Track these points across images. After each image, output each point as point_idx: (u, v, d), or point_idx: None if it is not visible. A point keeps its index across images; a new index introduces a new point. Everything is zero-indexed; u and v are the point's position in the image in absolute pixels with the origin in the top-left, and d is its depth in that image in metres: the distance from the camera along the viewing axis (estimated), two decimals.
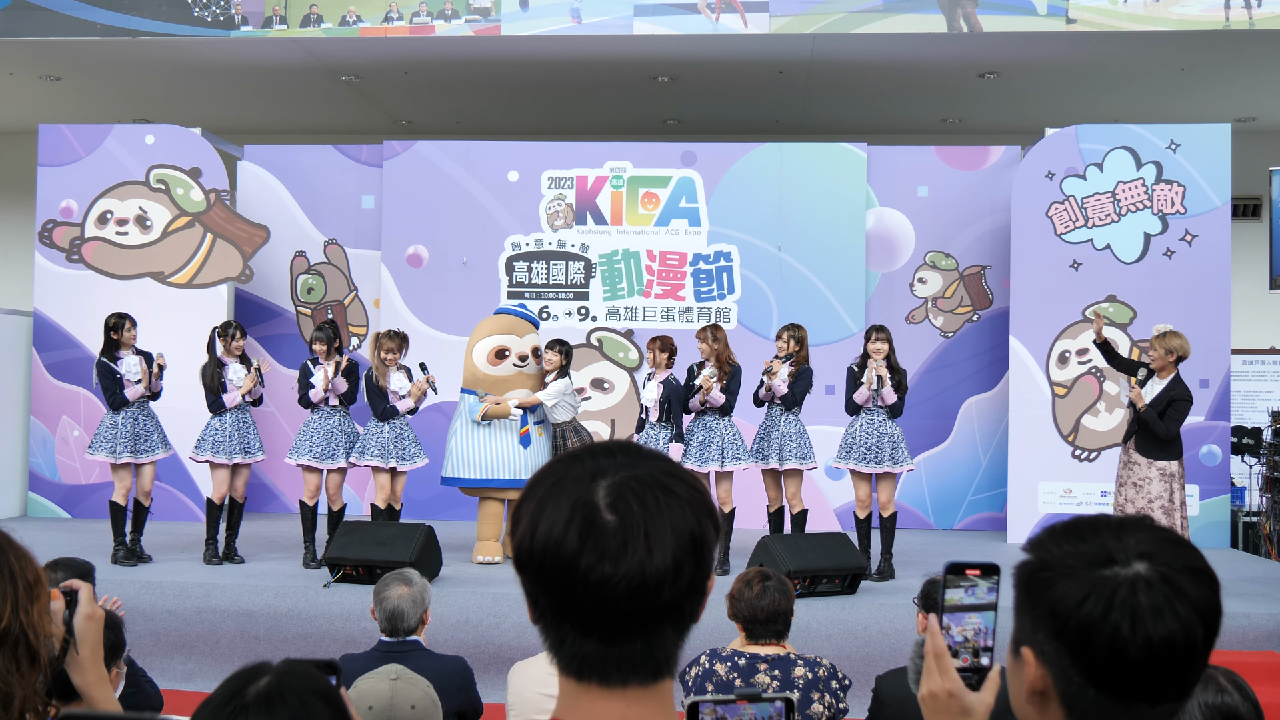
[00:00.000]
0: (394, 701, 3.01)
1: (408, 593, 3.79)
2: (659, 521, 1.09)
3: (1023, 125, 11.00)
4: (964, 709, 1.32)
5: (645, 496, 1.10)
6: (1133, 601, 1.15)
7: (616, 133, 11.68)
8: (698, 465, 7.33)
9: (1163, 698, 1.17)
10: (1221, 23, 8.89)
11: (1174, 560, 1.18)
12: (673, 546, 1.09)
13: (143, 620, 6.29)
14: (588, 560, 1.07)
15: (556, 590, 1.10)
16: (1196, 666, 1.17)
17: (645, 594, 1.08)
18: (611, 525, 1.08)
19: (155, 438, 7.56)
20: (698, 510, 1.13)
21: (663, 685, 1.14)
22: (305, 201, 10.34)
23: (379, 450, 7.45)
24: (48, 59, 10.34)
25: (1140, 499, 6.80)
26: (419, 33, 9.44)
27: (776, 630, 3.65)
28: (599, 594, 1.08)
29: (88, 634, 1.63)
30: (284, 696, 1.22)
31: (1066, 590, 1.19)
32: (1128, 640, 1.15)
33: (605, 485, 1.11)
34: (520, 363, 7.72)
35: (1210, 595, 1.18)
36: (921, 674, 1.35)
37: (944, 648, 1.32)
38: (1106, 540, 1.20)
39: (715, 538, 1.14)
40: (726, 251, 9.89)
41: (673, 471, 1.14)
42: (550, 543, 1.09)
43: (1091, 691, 1.17)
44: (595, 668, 1.12)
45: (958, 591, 1.32)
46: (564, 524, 1.09)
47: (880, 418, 7.23)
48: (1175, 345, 6.86)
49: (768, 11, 9.12)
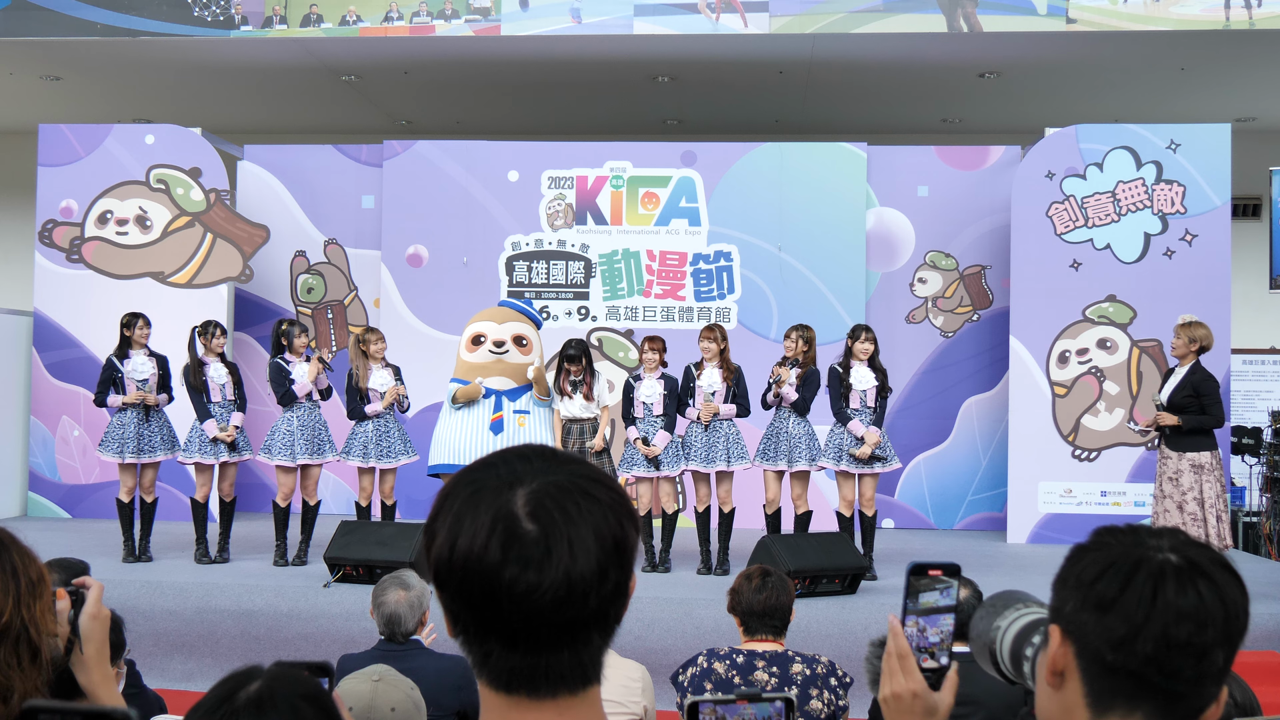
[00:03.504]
0: (373, 703, 2.99)
1: (405, 597, 3.78)
2: (580, 529, 1.07)
3: (1023, 125, 11.00)
4: (928, 709, 1.33)
5: (565, 503, 1.08)
6: (1158, 574, 1.18)
7: (616, 133, 11.69)
8: (698, 465, 7.34)
9: (1177, 676, 1.17)
10: (1221, 23, 8.90)
11: (1204, 555, 1.21)
12: (596, 552, 1.07)
13: (143, 620, 6.29)
14: (511, 571, 1.05)
15: (480, 604, 1.07)
16: (1214, 654, 1.17)
17: (572, 603, 1.06)
18: (533, 535, 1.06)
19: (159, 439, 7.57)
20: (619, 513, 1.11)
21: (590, 692, 1.12)
22: (305, 201, 10.35)
23: (361, 450, 7.46)
24: (48, 59, 10.34)
25: (1177, 493, 6.81)
26: (419, 33, 9.45)
27: (773, 625, 3.67)
28: (524, 606, 1.05)
29: (93, 633, 1.64)
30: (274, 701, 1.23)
31: (1096, 558, 1.22)
32: (1148, 605, 1.17)
33: (524, 494, 1.08)
34: (496, 349, 7.38)
35: (1235, 592, 1.20)
36: (881, 675, 1.35)
37: (907, 648, 1.33)
38: (1143, 535, 1.24)
39: (636, 539, 1.12)
40: (726, 251, 9.90)
41: (590, 475, 1.12)
42: (471, 556, 1.06)
43: (1109, 659, 1.18)
44: (523, 680, 1.09)
45: (923, 593, 1.33)
46: (485, 536, 1.06)
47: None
48: (1199, 335, 6.92)
49: (768, 11, 9.13)
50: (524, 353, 7.47)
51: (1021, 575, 7.47)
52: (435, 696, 3.39)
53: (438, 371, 7.86)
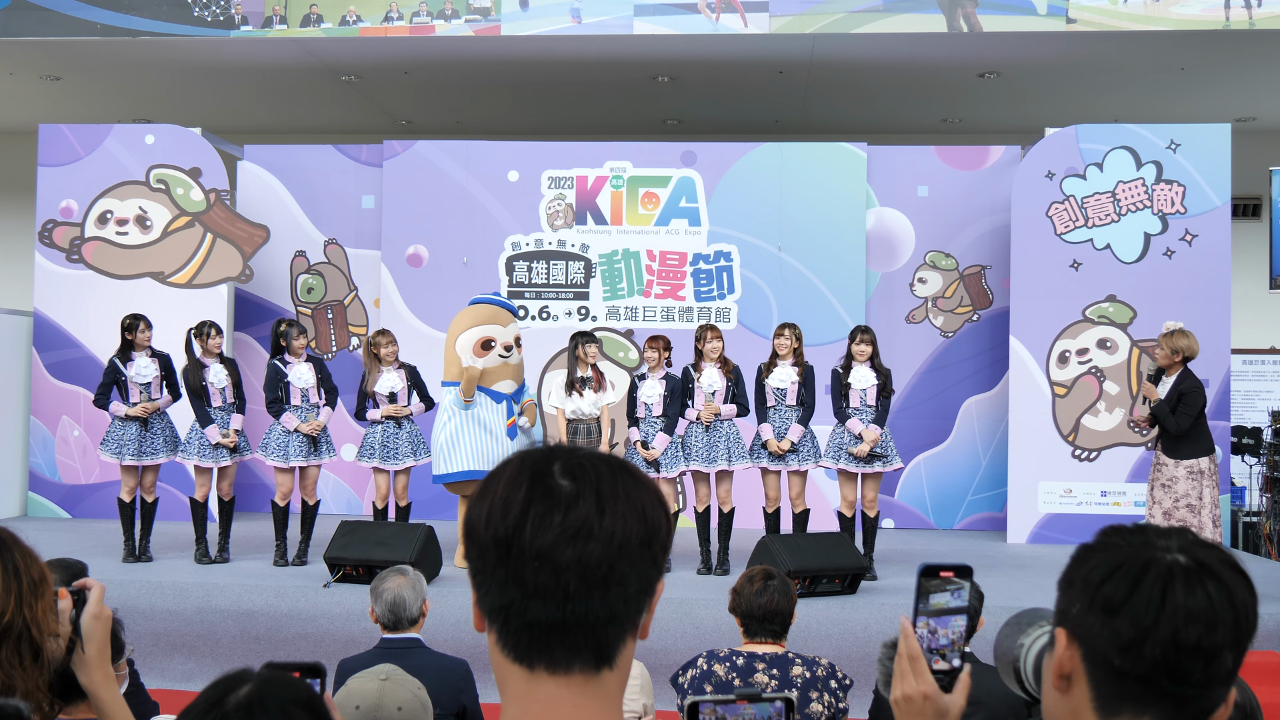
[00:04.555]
0: (380, 702, 3.01)
1: (405, 580, 3.80)
2: (612, 488, 1.11)
3: (1023, 125, 11.01)
4: (939, 711, 1.32)
5: (601, 468, 1.12)
6: (1166, 576, 1.17)
7: (616, 133, 11.69)
8: (700, 465, 7.34)
9: (1186, 679, 1.16)
10: (1221, 23, 8.90)
11: (1212, 556, 1.20)
12: (623, 511, 1.10)
13: (143, 620, 6.29)
14: (537, 510, 1.08)
15: (504, 549, 1.09)
16: (1223, 657, 1.17)
17: (590, 546, 1.08)
18: (566, 489, 1.10)
19: (160, 441, 7.57)
20: (652, 495, 1.14)
21: (605, 677, 1.12)
22: (305, 201, 10.35)
23: (369, 451, 7.49)
24: (48, 59, 10.34)
25: (1168, 499, 6.76)
26: (419, 33, 9.45)
27: (773, 630, 3.65)
28: (544, 545, 1.08)
29: (94, 633, 1.64)
30: (264, 705, 1.23)
31: (1103, 559, 1.22)
32: (1157, 608, 1.16)
33: (561, 460, 1.13)
34: (505, 353, 7.48)
35: (1245, 593, 1.19)
36: (892, 676, 1.35)
37: (918, 650, 1.33)
38: (1150, 536, 1.24)
39: (666, 528, 1.14)
40: (726, 251, 9.90)
41: (631, 466, 1.16)
42: (500, 504, 1.10)
43: (1116, 662, 1.17)
44: (541, 645, 1.10)
45: (934, 594, 1.33)
46: (516, 487, 1.11)
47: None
48: (1181, 345, 6.81)
49: (768, 11, 9.13)
50: (519, 352, 7.66)
51: (1021, 575, 7.47)
52: (435, 695, 3.39)
53: (438, 371, 7.85)
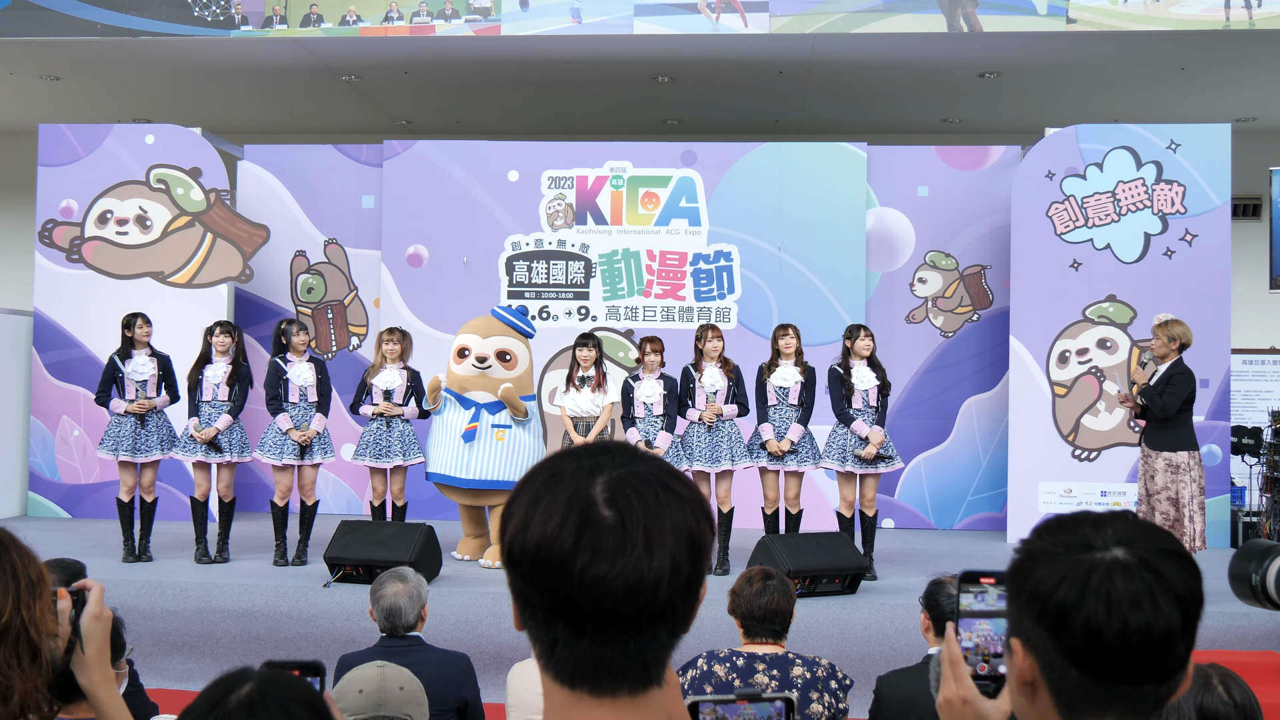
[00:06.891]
0: (383, 684, 3.08)
1: (404, 589, 3.79)
2: (658, 519, 1.06)
3: (1023, 125, 11.00)
4: (979, 716, 1.33)
5: (645, 493, 1.07)
6: (1108, 586, 1.17)
7: (616, 133, 11.68)
8: (703, 465, 7.33)
9: (1144, 679, 1.17)
10: (1221, 23, 8.90)
11: (1151, 546, 1.19)
12: (671, 545, 1.06)
13: (143, 620, 6.29)
14: (584, 558, 1.04)
15: (550, 588, 1.06)
16: (1177, 650, 1.17)
17: (642, 593, 1.05)
18: (609, 521, 1.05)
19: (155, 439, 7.58)
20: (696, 511, 1.10)
21: (652, 695, 1.11)
22: (305, 201, 10.35)
23: (364, 449, 7.52)
24: (48, 59, 10.34)
25: (1149, 489, 6.75)
26: (419, 33, 9.44)
27: (773, 630, 3.65)
28: (594, 593, 1.04)
29: (94, 634, 1.64)
30: (265, 704, 1.23)
31: (1045, 574, 1.20)
32: (1104, 625, 1.16)
33: (603, 481, 1.07)
34: (479, 364, 7.49)
35: (1189, 580, 1.19)
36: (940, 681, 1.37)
37: (959, 655, 1.34)
38: (1086, 531, 1.23)
39: (712, 539, 1.11)
40: (726, 251, 9.89)
41: (671, 471, 1.12)
42: (545, 539, 1.06)
43: (1074, 674, 1.18)
44: (586, 673, 1.08)
45: (972, 599, 1.33)
46: (560, 519, 1.06)
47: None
48: (1177, 333, 6.82)
49: (768, 11, 9.13)
50: (508, 368, 7.58)
51: None
52: (436, 691, 3.39)
53: (438, 372, 7.86)
